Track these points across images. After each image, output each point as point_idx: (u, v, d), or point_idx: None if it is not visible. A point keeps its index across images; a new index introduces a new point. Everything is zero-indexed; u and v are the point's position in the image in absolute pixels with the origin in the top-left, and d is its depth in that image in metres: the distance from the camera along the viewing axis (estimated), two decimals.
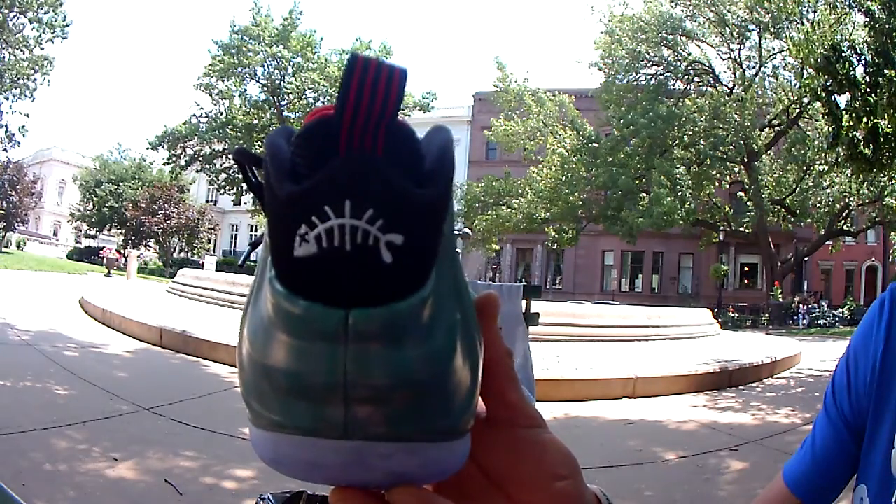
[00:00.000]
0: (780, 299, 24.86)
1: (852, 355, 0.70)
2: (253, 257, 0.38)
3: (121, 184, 36.34)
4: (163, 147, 29.99)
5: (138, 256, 27.97)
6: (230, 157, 29.69)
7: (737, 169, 25.57)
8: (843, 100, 10.28)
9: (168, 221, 30.74)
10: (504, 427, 0.29)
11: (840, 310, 24.51)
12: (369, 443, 0.23)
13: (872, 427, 0.64)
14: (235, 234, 44.34)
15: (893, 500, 0.59)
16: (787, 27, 21.06)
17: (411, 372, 0.22)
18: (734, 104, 23.51)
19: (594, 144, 25.07)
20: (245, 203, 34.58)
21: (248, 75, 29.24)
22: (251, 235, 42.81)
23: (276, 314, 0.22)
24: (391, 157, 0.22)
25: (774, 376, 7.38)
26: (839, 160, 13.40)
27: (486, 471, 0.30)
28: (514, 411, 0.29)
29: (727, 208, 26.13)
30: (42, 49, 27.12)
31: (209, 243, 37.96)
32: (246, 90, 29.98)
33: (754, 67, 24.67)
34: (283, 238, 0.22)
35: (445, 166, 0.24)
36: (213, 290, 10.71)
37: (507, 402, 0.29)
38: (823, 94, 10.40)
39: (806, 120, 23.37)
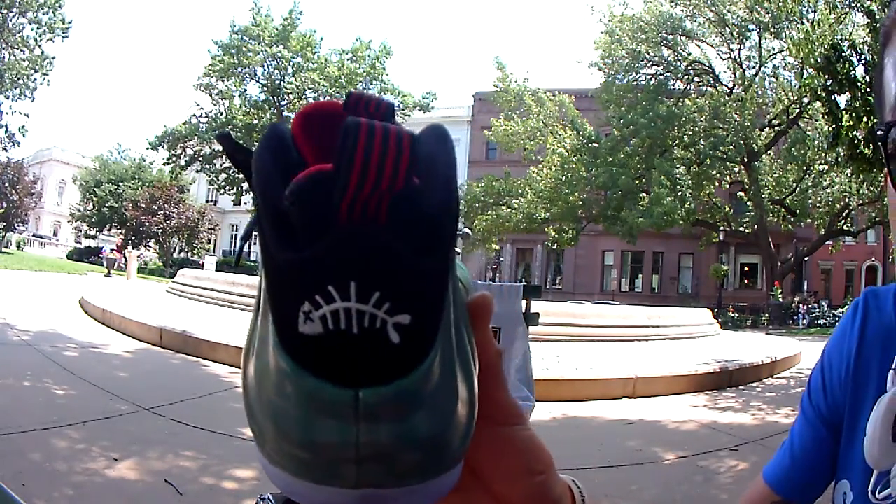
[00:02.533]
0: (780, 299, 24.84)
1: (826, 358, 0.71)
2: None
3: (121, 184, 36.30)
4: (163, 147, 30.02)
5: (138, 256, 27.90)
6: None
7: (737, 169, 25.58)
8: (843, 100, 10.27)
9: (168, 221, 30.70)
10: (489, 424, 0.30)
11: (840, 310, 24.49)
12: (378, 490, 0.23)
13: (850, 423, 0.65)
14: (235, 234, 44.30)
15: (870, 487, 0.60)
16: (787, 27, 21.08)
17: (418, 436, 0.23)
18: (734, 104, 23.52)
19: (594, 144, 25.07)
20: (245, 203, 34.57)
21: (248, 75, 29.27)
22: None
23: (282, 383, 0.22)
24: (394, 225, 0.21)
25: (774, 376, 7.38)
26: (839, 160, 13.40)
27: (468, 464, 0.30)
28: (499, 409, 0.30)
29: (727, 208, 26.11)
30: (41, 48, 27.15)
31: (209, 243, 37.90)
32: (246, 90, 30.05)
33: (754, 67, 24.68)
34: (285, 309, 0.21)
35: (449, 225, 0.22)
36: (213, 290, 10.71)
37: (495, 401, 0.30)
38: (823, 94, 10.37)
39: (806, 120, 23.37)
